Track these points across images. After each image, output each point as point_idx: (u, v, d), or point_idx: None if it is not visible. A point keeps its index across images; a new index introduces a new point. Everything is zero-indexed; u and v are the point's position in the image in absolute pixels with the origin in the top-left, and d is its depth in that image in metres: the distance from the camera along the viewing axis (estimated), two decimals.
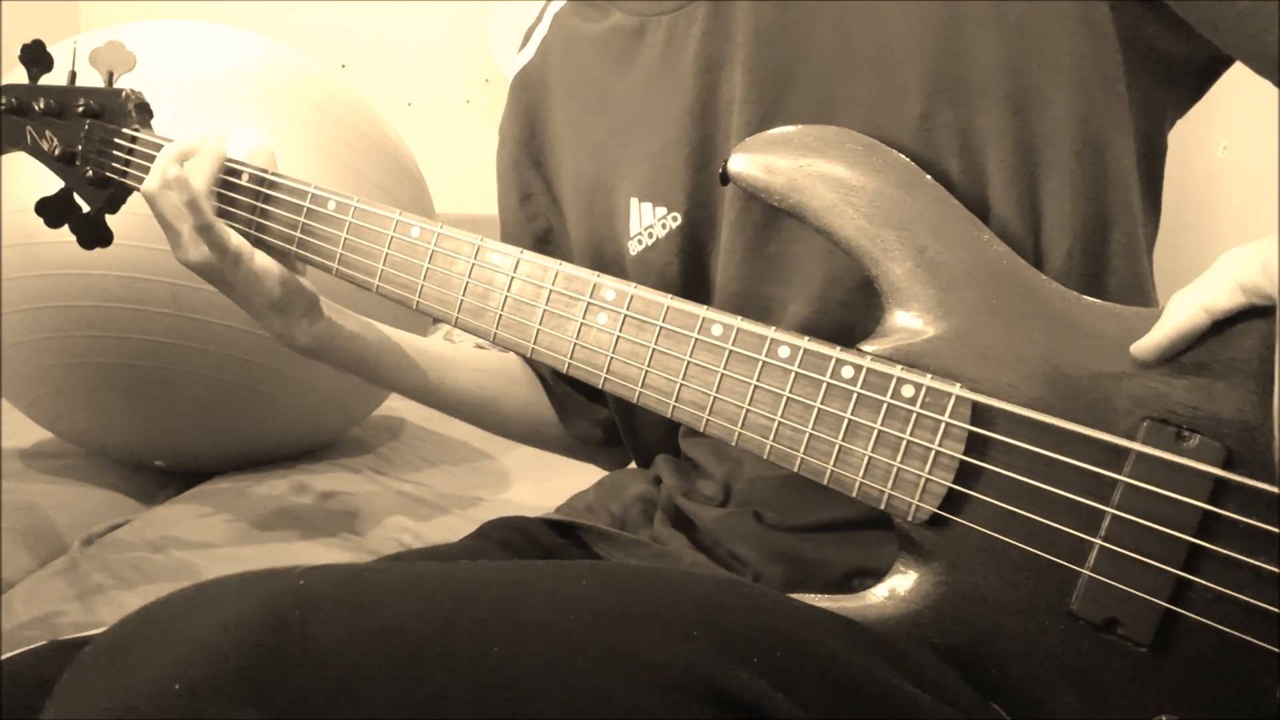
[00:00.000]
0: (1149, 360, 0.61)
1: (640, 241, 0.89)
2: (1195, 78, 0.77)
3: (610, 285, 0.77)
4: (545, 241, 1.03)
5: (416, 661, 0.51)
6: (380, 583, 0.56)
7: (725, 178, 0.76)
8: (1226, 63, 0.75)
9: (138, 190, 1.00)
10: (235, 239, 0.92)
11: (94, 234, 1.06)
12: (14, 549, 1.47)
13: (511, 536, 0.95)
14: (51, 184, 1.07)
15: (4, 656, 0.71)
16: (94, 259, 1.57)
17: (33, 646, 0.72)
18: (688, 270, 0.88)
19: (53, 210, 1.06)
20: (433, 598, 0.55)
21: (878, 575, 0.70)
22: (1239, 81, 0.78)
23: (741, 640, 0.57)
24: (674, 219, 0.87)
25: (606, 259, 0.93)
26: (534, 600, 0.56)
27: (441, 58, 3.56)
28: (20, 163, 1.62)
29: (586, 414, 1.10)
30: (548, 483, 1.96)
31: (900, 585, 0.68)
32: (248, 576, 0.56)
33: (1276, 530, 0.57)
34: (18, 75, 1.70)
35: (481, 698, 0.50)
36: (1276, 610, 0.57)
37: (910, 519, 0.67)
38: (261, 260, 0.93)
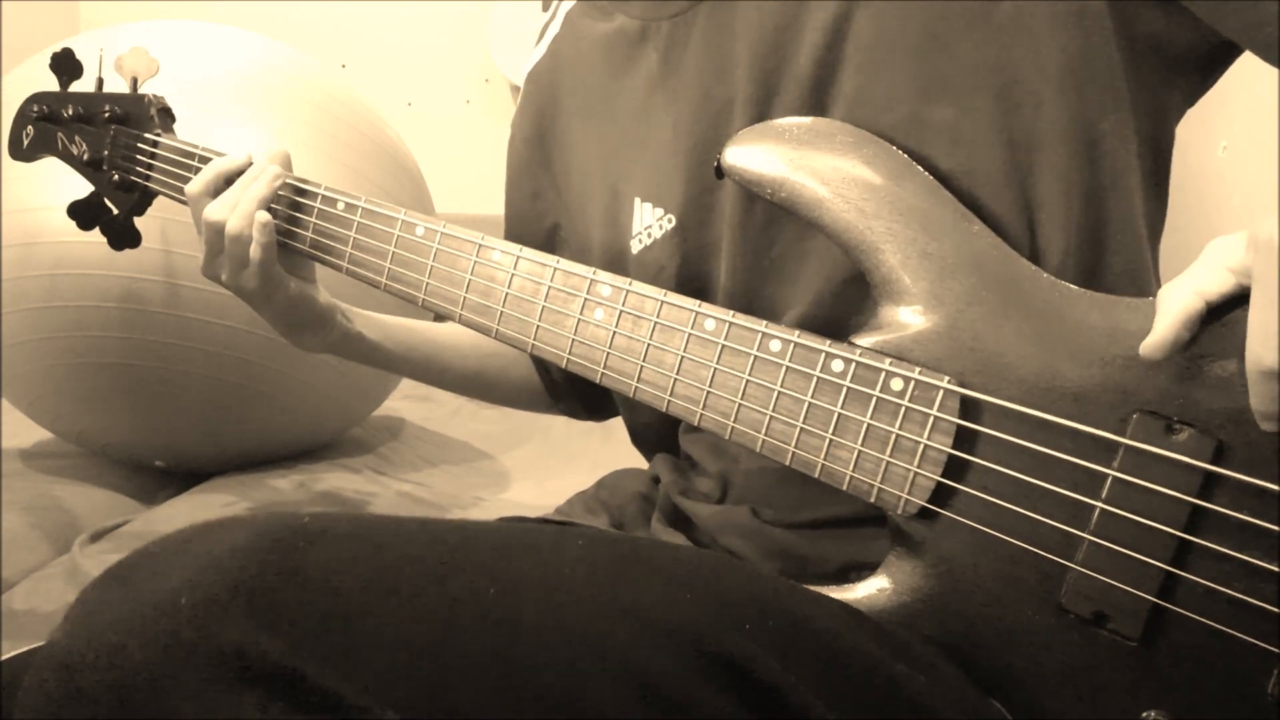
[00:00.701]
0: (1159, 357, 0.60)
1: (640, 241, 0.90)
2: (1201, 66, 0.76)
3: (606, 281, 0.78)
4: (553, 237, 1.05)
5: (417, 592, 0.52)
6: (384, 524, 0.58)
7: (720, 171, 0.76)
8: (1235, 51, 0.74)
9: (163, 194, 1.04)
10: (280, 274, 0.95)
11: (123, 236, 1.10)
12: (14, 548, 1.47)
13: None
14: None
15: (4, 657, 0.71)
16: (94, 259, 1.58)
17: (33, 647, 0.72)
18: (685, 272, 0.89)
19: (84, 213, 1.09)
20: (434, 541, 0.57)
21: (874, 570, 0.70)
22: (1239, 81, 0.78)
23: (735, 607, 0.58)
24: (669, 220, 0.88)
25: (613, 257, 0.94)
26: (534, 551, 0.58)
27: (441, 58, 3.56)
28: (21, 164, 1.63)
29: (578, 399, 1.13)
30: (548, 483, 1.97)
31: (892, 578, 0.69)
32: (254, 513, 0.57)
33: (1267, 525, 0.57)
34: (19, 76, 1.71)
35: (480, 630, 0.52)
36: (1267, 605, 0.57)
37: (900, 512, 0.67)
38: (295, 287, 0.96)
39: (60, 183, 1.08)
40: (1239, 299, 0.58)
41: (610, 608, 0.55)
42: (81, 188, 1.11)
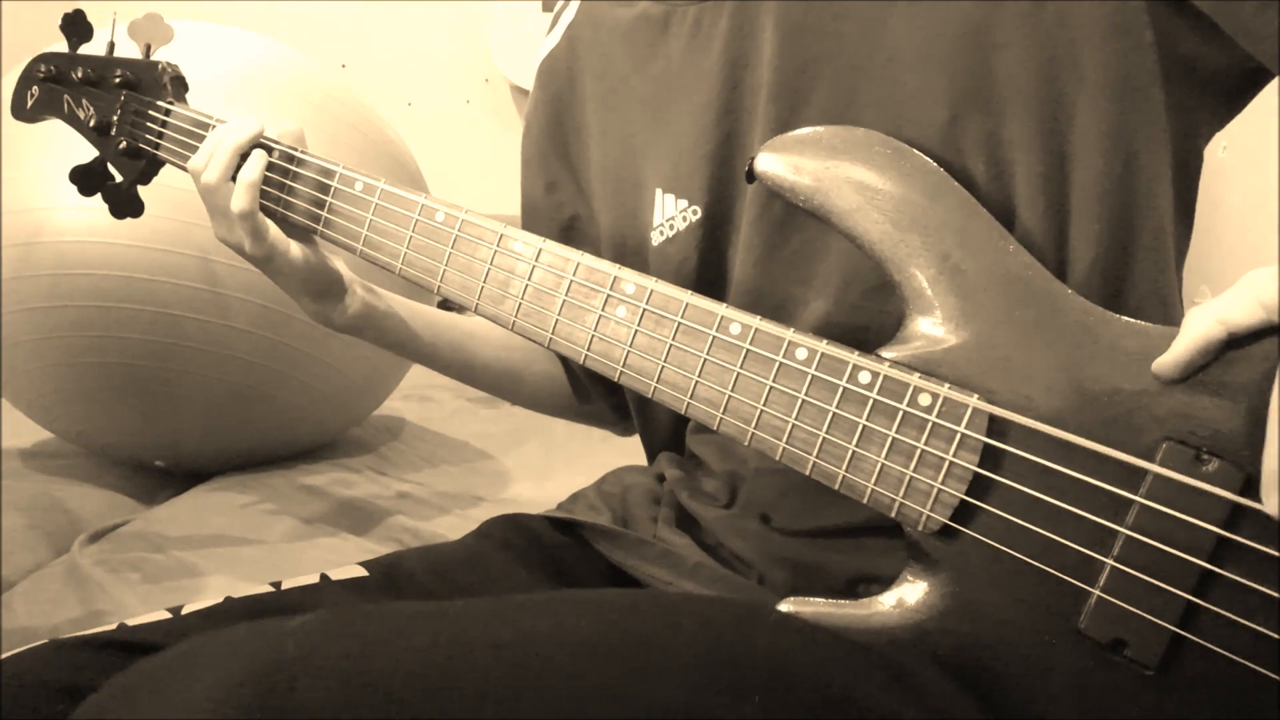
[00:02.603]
0: (1170, 377, 0.60)
1: (662, 233, 0.89)
2: (1233, 90, 0.75)
3: (630, 279, 0.77)
4: (570, 229, 1.03)
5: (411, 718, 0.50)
6: (371, 635, 0.55)
7: (751, 175, 0.75)
8: (1268, 76, 0.74)
9: (171, 164, 1.02)
10: (273, 230, 0.93)
11: (125, 204, 1.07)
12: (14, 549, 1.47)
13: (513, 535, 0.94)
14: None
15: (4, 656, 0.70)
16: (94, 259, 1.57)
17: (33, 646, 0.72)
18: (705, 264, 0.88)
19: (86, 179, 1.06)
20: (426, 649, 0.54)
21: (881, 581, 0.70)
22: None
23: (743, 675, 0.57)
24: (694, 212, 0.87)
25: (630, 249, 0.93)
26: (530, 646, 0.56)
27: (441, 58, 3.55)
28: (21, 163, 1.62)
29: (604, 398, 1.10)
30: (548, 482, 1.97)
31: (907, 594, 0.68)
32: (234, 636, 0.55)
33: None
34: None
35: None
36: None
37: (921, 528, 0.67)
38: (298, 249, 0.94)
39: (61, 183, 1.06)
40: (1271, 332, 0.57)
41: (617, 703, 0.53)
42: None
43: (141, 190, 1.06)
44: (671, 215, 0.89)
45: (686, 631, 0.59)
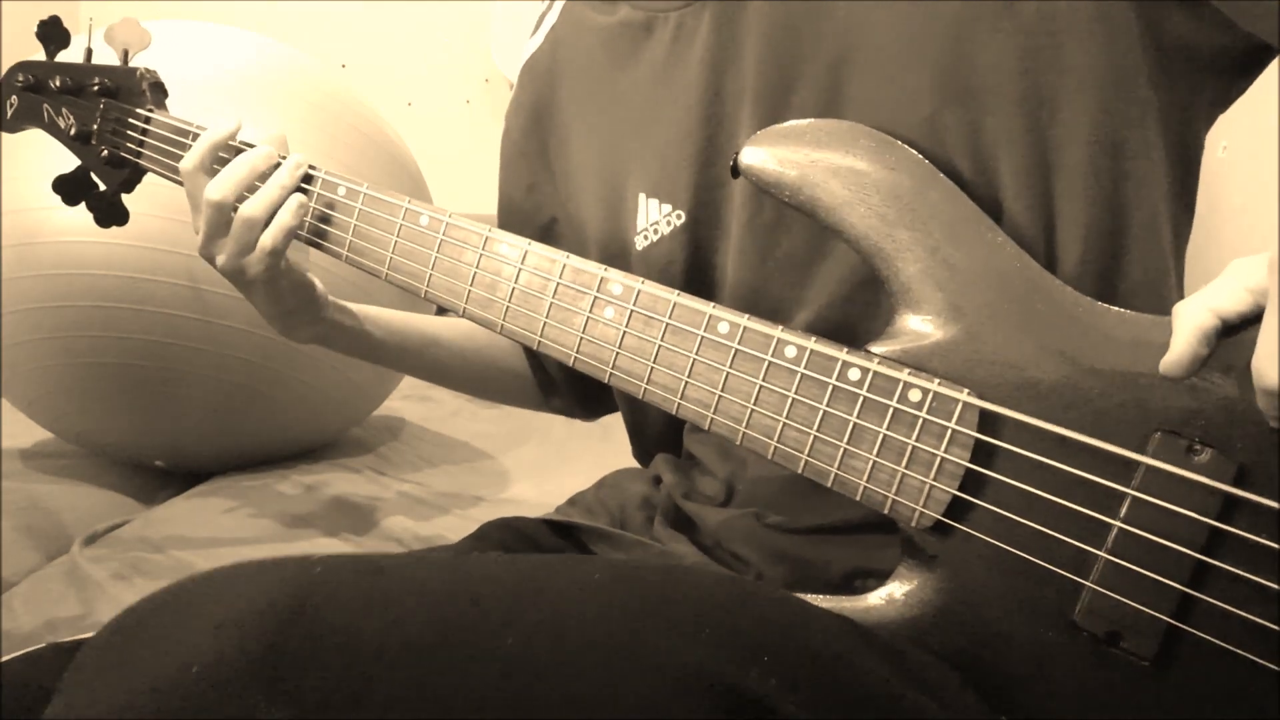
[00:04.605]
0: (1179, 375, 0.59)
1: (646, 237, 0.89)
2: (1233, 69, 0.75)
3: (617, 279, 0.76)
4: (549, 232, 1.03)
5: (432, 649, 0.51)
6: (397, 572, 0.57)
7: (736, 171, 0.75)
8: (1271, 52, 0.73)
9: (153, 172, 1.00)
10: (284, 263, 0.92)
11: (110, 213, 1.05)
12: (14, 549, 1.46)
13: (510, 538, 0.95)
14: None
15: (3, 659, 0.70)
16: (94, 259, 1.57)
17: (32, 649, 0.72)
18: (691, 268, 0.88)
19: (69, 188, 1.05)
20: (449, 588, 0.56)
21: (879, 577, 0.70)
22: None
23: (752, 640, 0.57)
24: (678, 216, 0.87)
25: (614, 252, 0.93)
26: (548, 593, 0.57)
27: (441, 58, 3.55)
28: (20, 163, 1.63)
29: (571, 393, 1.12)
30: (548, 483, 1.96)
31: (902, 589, 0.68)
32: (263, 563, 0.56)
33: None
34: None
35: (495, 687, 0.51)
36: None
37: (914, 525, 0.67)
38: (294, 275, 0.94)
39: None
40: (1258, 320, 0.57)
41: (627, 653, 0.54)
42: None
43: (130, 195, 1.06)
44: (655, 219, 0.89)
45: (700, 597, 0.60)
